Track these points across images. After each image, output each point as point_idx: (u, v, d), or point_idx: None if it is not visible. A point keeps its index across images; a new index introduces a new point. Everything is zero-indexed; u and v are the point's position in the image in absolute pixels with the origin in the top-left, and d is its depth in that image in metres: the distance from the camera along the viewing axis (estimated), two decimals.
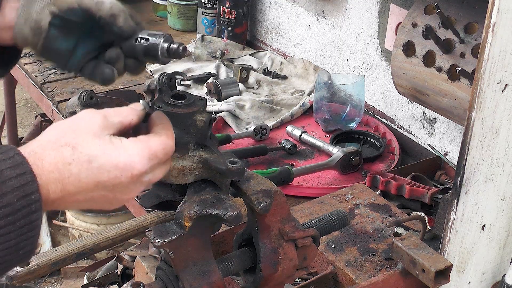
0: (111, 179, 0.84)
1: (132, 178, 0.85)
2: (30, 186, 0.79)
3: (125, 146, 0.85)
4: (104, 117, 0.87)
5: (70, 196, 0.83)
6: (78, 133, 0.85)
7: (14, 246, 0.79)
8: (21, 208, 0.78)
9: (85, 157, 0.83)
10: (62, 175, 0.81)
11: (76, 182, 0.82)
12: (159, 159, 0.88)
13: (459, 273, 1.33)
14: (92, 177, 0.83)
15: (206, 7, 2.62)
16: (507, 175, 1.27)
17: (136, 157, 0.85)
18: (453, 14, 1.58)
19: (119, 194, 0.86)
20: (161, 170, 0.90)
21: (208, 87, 2.22)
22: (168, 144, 0.89)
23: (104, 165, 0.83)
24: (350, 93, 2.04)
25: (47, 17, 0.98)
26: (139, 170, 0.85)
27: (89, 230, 2.97)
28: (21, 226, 0.78)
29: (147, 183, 0.89)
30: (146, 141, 0.87)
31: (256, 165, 1.86)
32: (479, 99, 1.13)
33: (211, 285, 0.99)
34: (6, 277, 1.27)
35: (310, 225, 1.15)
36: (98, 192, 0.84)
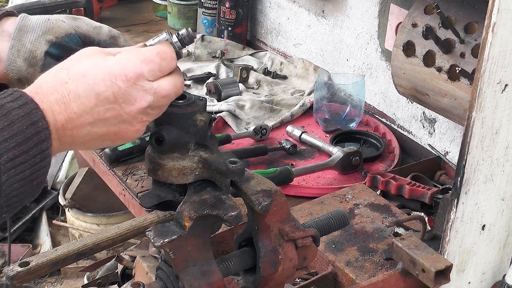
0: (108, 87, 0.83)
1: (128, 81, 0.84)
2: (35, 114, 0.79)
3: (117, 57, 0.86)
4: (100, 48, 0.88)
5: (76, 116, 0.83)
6: (73, 58, 0.86)
7: (29, 176, 0.79)
8: (31, 136, 0.78)
9: (79, 73, 0.83)
10: (61, 94, 0.82)
11: (76, 98, 0.82)
12: (156, 64, 0.87)
13: (459, 273, 1.33)
14: (90, 89, 0.83)
15: (206, 7, 2.62)
16: (507, 175, 1.27)
17: (126, 60, 0.85)
18: (453, 14, 1.58)
19: (124, 104, 0.85)
20: (168, 80, 0.88)
21: (208, 87, 2.22)
22: (163, 49, 0.88)
23: (98, 75, 0.83)
24: (350, 93, 2.04)
25: (43, 46, 0.97)
26: (133, 71, 0.85)
27: (89, 230, 2.97)
28: (34, 155, 0.78)
29: (153, 92, 0.87)
30: (137, 49, 0.88)
31: (256, 165, 1.86)
32: (479, 99, 1.13)
33: (211, 285, 0.99)
34: (6, 277, 1.26)
35: (310, 225, 1.15)
36: (102, 106, 0.84)
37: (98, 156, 1.90)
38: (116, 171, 1.83)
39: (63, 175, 3.42)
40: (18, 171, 0.77)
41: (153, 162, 0.99)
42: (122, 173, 1.82)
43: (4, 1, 4.25)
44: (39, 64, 0.97)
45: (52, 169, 3.43)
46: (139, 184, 1.77)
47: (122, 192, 1.80)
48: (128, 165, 1.85)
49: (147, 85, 0.86)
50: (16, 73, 0.97)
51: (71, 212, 3.06)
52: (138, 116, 0.87)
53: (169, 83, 0.89)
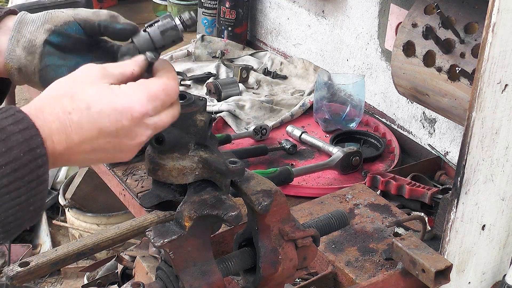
0: (112, 123, 0.83)
1: (133, 120, 0.84)
2: (34, 140, 0.79)
3: (123, 89, 0.85)
4: (103, 68, 0.87)
5: (76, 146, 0.83)
6: (76, 83, 0.85)
7: (24, 202, 0.79)
8: (27, 162, 0.78)
9: (84, 104, 0.82)
10: (63, 125, 0.82)
11: (79, 130, 0.82)
12: (161, 100, 0.86)
13: (459, 273, 1.33)
14: (93, 123, 0.83)
15: (206, 7, 2.62)
16: (507, 175, 1.27)
17: (134, 97, 0.84)
18: (453, 14, 1.58)
19: (125, 139, 0.85)
20: (167, 113, 0.88)
21: (208, 87, 2.22)
22: (169, 84, 0.88)
23: (103, 110, 0.83)
24: (350, 93, 2.04)
25: (43, 35, 0.96)
26: (139, 111, 0.84)
27: (89, 230, 2.97)
28: (30, 181, 0.78)
29: (153, 127, 0.87)
30: (144, 83, 0.87)
31: (256, 165, 1.86)
32: (479, 99, 1.13)
33: (211, 285, 0.99)
34: (6, 277, 1.27)
35: (310, 225, 1.15)
36: (103, 139, 0.84)
37: None
38: (116, 171, 1.83)
39: (63, 175, 3.42)
40: (12, 196, 0.77)
41: (153, 162, 0.99)
42: (122, 173, 1.82)
43: (4, 1, 4.25)
44: (38, 52, 0.97)
45: (52, 169, 3.43)
46: (139, 184, 1.77)
47: (122, 192, 1.80)
48: (128, 165, 1.85)
49: (149, 121, 0.86)
50: (16, 62, 0.97)
51: (71, 212, 3.06)
52: (136, 148, 0.88)
53: (169, 115, 0.89)
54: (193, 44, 2.50)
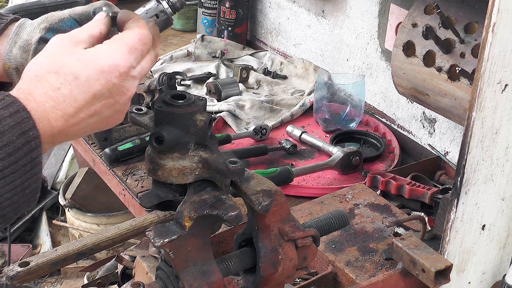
0: (103, 85, 0.85)
1: (121, 76, 0.86)
2: (26, 123, 0.79)
3: (102, 50, 0.87)
4: (72, 35, 0.88)
5: (72, 117, 0.83)
6: (54, 58, 0.85)
7: (20, 185, 0.79)
8: (21, 146, 0.78)
9: (70, 76, 0.83)
10: (56, 101, 0.82)
11: (73, 102, 0.83)
12: (139, 50, 0.88)
13: (459, 273, 1.33)
14: (86, 91, 0.84)
15: (206, 7, 2.62)
16: (507, 175, 1.27)
17: (116, 55, 0.86)
18: (453, 14, 1.58)
19: (118, 96, 0.87)
20: (147, 60, 0.91)
21: (208, 87, 2.22)
22: (142, 33, 0.90)
23: (91, 75, 0.84)
24: (350, 93, 2.04)
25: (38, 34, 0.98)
26: (125, 65, 0.86)
27: (89, 230, 2.97)
28: (24, 164, 0.79)
29: (138, 76, 0.89)
30: (120, 38, 0.89)
31: (256, 165, 1.86)
32: (479, 99, 1.13)
33: (211, 285, 0.99)
34: (6, 277, 1.26)
35: (310, 225, 1.15)
36: (98, 103, 0.85)
37: (98, 156, 1.90)
38: (116, 171, 1.83)
39: (63, 175, 3.42)
40: (8, 181, 0.77)
41: (153, 162, 0.99)
42: (122, 173, 1.82)
43: (4, 1, 4.25)
44: (32, 48, 0.98)
45: (52, 169, 3.43)
46: (139, 184, 1.77)
47: (122, 192, 1.80)
48: (128, 165, 1.84)
49: (134, 72, 0.88)
50: (13, 61, 0.99)
51: (71, 212, 3.06)
52: (128, 102, 0.90)
53: (148, 61, 0.91)
54: (193, 44, 2.50)
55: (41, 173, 0.82)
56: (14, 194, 0.79)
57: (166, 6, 0.97)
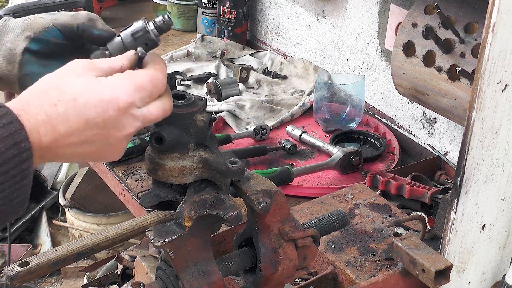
0: (99, 114, 0.83)
1: (120, 110, 0.84)
2: (19, 135, 0.78)
3: (109, 81, 0.85)
4: (91, 62, 0.87)
5: (63, 138, 0.82)
6: (62, 76, 0.85)
7: (8, 196, 0.78)
8: (12, 157, 0.77)
9: (70, 95, 0.82)
10: (49, 116, 0.81)
11: (65, 122, 0.82)
12: (148, 91, 0.86)
13: (459, 273, 1.33)
14: (80, 114, 0.82)
15: (206, 7, 2.62)
16: (507, 175, 1.27)
17: (120, 88, 0.84)
18: (453, 14, 1.58)
19: (113, 130, 0.85)
20: (157, 105, 0.88)
21: (208, 87, 2.22)
22: (156, 75, 0.88)
23: (90, 101, 0.83)
24: (350, 93, 2.04)
25: (22, 44, 0.96)
26: (125, 100, 0.84)
27: (89, 230, 2.97)
28: (14, 175, 0.78)
29: (142, 118, 0.87)
30: (130, 74, 0.87)
31: (256, 165, 1.86)
32: (479, 99, 1.13)
33: (211, 285, 0.99)
34: (6, 277, 1.26)
35: (310, 225, 1.15)
36: (90, 131, 0.83)
37: None
38: (116, 171, 1.83)
39: (63, 175, 3.42)
40: None
41: (153, 162, 0.99)
42: (122, 173, 1.82)
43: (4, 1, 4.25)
44: (17, 60, 0.96)
45: (52, 169, 3.44)
46: (139, 184, 1.77)
47: (122, 192, 1.80)
48: (128, 165, 1.85)
49: (136, 112, 0.86)
50: None
51: (71, 212, 3.06)
52: (124, 140, 0.88)
53: (158, 107, 0.88)
54: (193, 44, 2.50)
55: (30, 184, 0.81)
56: (2, 204, 0.78)
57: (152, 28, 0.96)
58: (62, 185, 3.17)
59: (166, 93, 0.90)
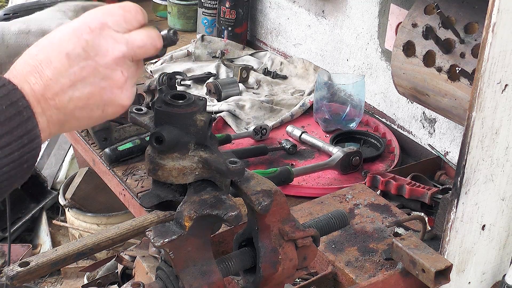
0: (75, 44, 0.82)
1: (93, 32, 0.83)
2: (13, 94, 0.78)
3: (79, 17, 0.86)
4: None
5: (53, 82, 0.81)
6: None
7: (18, 159, 0.78)
8: (12, 116, 0.77)
9: (46, 42, 0.83)
10: (33, 66, 0.81)
11: (49, 64, 0.81)
12: (120, 16, 0.85)
13: (459, 273, 1.33)
14: (58, 51, 0.82)
15: (206, 7, 2.62)
16: (507, 175, 1.27)
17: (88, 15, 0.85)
18: (453, 14, 1.58)
19: (97, 58, 0.83)
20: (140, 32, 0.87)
21: (208, 87, 2.22)
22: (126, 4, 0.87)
23: (63, 36, 0.83)
24: (350, 93, 2.04)
25: None
26: (95, 21, 0.84)
27: (89, 230, 2.97)
28: (20, 135, 0.77)
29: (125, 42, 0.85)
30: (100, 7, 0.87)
31: (256, 165, 1.86)
32: (479, 99, 1.13)
33: (211, 285, 0.99)
34: (6, 277, 1.26)
35: (310, 225, 1.15)
36: (76, 65, 0.82)
37: (98, 156, 1.90)
38: (116, 171, 1.83)
39: (63, 175, 3.42)
40: (5, 152, 0.76)
41: (153, 162, 0.99)
42: (122, 173, 1.82)
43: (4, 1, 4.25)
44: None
45: (52, 169, 3.43)
46: (139, 184, 1.77)
47: (122, 192, 1.80)
48: (128, 165, 1.85)
49: (115, 35, 0.84)
50: None
51: (71, 212, 3.06)
52: (117, 69, 0.84)
53: (141, 33, 0.87)
54: (193, 44, 2.50)
55: (39, 148, 0.80)
56: (13, 168, 0.77)
57: None
58: (62, 185, 3.17)
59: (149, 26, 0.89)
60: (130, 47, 0.85)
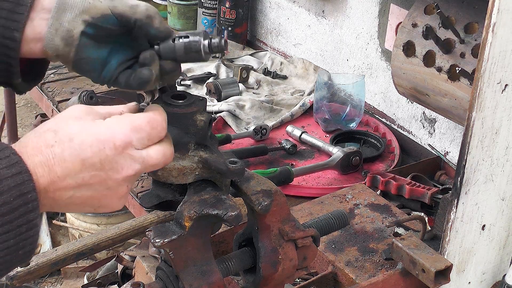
0: (95, 154, 0.82)
1: (116, 150, 0.83)
2: (26, 185, 0.78)
3: (107, 122, 0.85)
4: (90, 107, 0.87)
5: (59, 180, 0.81)
6: (60, 120, 0.84)
7: (13, 246, 0.78)
8: (17, 207, 0.77)
9: (66, 137, 0.82)
10: (46, 157, 0.81)
11: (62, 162, 0.81)
12: (146, 132, 0.85)
13: (459, 273, 1.33)
14: (76, 154, 0.81)
15: (206, 7, 2.62)
16: (507, 175, 1.27)
17: (116, 127, 0.84)
18: (453, 14, 1.58)
19: (110, 172, 0.83)
20: (157, 149, 0.87)
21: (208, 87, 2.22)
22: (154, 118, 0.87)
23: (85, 141, 0.82)
24: (350, 93, 2.04)
25: (80, 26, 0.94)
26: (122, 139, 0.83)
27: (89, 230, 2.97)
28: (19, 225, 0.78)
29: (141, 161, 0.85)
30: (128, 116, 0.86)
31: (256, 165, 1.86)
32: (479, 99, 1.13)
33: (211, 285, 0.99)
34: (6, 277, 1.27)
35: (310, 225, 1.15)
36: (87, 172, 0.82)
37: None
38: None
39: None
40: (0, 239, 0.76)
41: None
42: None
43: None
44: (75, 44, 0.96)
45: None
46: (139, 184, 1.77)
47: None
48: None
49: (135, 153, 0.85)
50: (54, 51, 0.96)
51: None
52: (124, 184, 0.86)
53: (158, 152, 0.87)
54: None
55: (37, 236, 0.80)
56: (7, 253, 0.78)
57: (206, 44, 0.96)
58: None
59: (166, 139, 0.90)
60: (144, 166, 0.86)
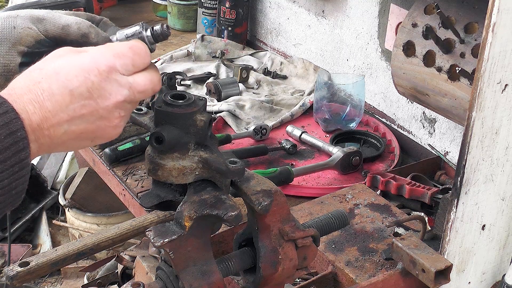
0: (81, 83, 0.83)
1: (101, 75, 0.84)
2: (14, 124, 0.78)
3: (89, 52, 0.86)
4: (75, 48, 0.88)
5: (51, 115, 0.82)
6: (45, 59, 0.86)
7: (7, 186, 0.79)
8: (9, 146, 0.78)
9: (52, 71, 0.83)
10: (35, 94, 0.81)
11: (51, 96, 0.82)
12: (129, 58, 0.86)
13: (459, 273, 1.33)
14: (64, 86, 0.82)
15: (206, 7, 2.62)
16: (507, 175, 1.27)
17: (98, 55, 0.85)
18: (453, 14, 1.58)
19: (99, 99, 0.84)
20: (143, 75, 0.88)
21: (208, 87, 2.22)
22: (136, 44, 0.88)
23: (71, 72, 0.83)
24: (350, 93, 2.04)
25: (16, 59, 0.96)
26: (105, 64, 0.84)
27: (89, 230, 2.97)
28: (12, 164, 0.78)
29: (128, 86, 0.86)
30: (110, 44, 0.88)
31: (256, 165, 1.86)
32: (479, 99, 1.13)
33: (211, 285, 0.99)
34: (6, 277, 1.27)
35: (310, 225, 1.15)
36: (77, 103, 0.83)
37: (98, 156, 1.90)
38: (116, 171, 1.83)
39: (63, 175, 3.42)
40: None
41: (153, 162, 0.99)
42: (122, 173, 1.82)
43: (4, 1, 4.25)
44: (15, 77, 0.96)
45: (52, 169, 3.43)
46: (139, 184, 1.77)
47: (122, 192, 1.80)
48: (128, 165, 1.85)
49: (121, 79, 0.86)
50: None
51: (71, 212, 3.06)
52: (115, 111, 0.86)
53: (145, 78, 0.88)
54: (193, 44, 2.50)
55: (28, 174, 0.81)
56: (2, 194, 0.78)
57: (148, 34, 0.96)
58: (62, 185, 3.17)
59: (152, 66, 0.90)
60: (132, 91, 0.87)
